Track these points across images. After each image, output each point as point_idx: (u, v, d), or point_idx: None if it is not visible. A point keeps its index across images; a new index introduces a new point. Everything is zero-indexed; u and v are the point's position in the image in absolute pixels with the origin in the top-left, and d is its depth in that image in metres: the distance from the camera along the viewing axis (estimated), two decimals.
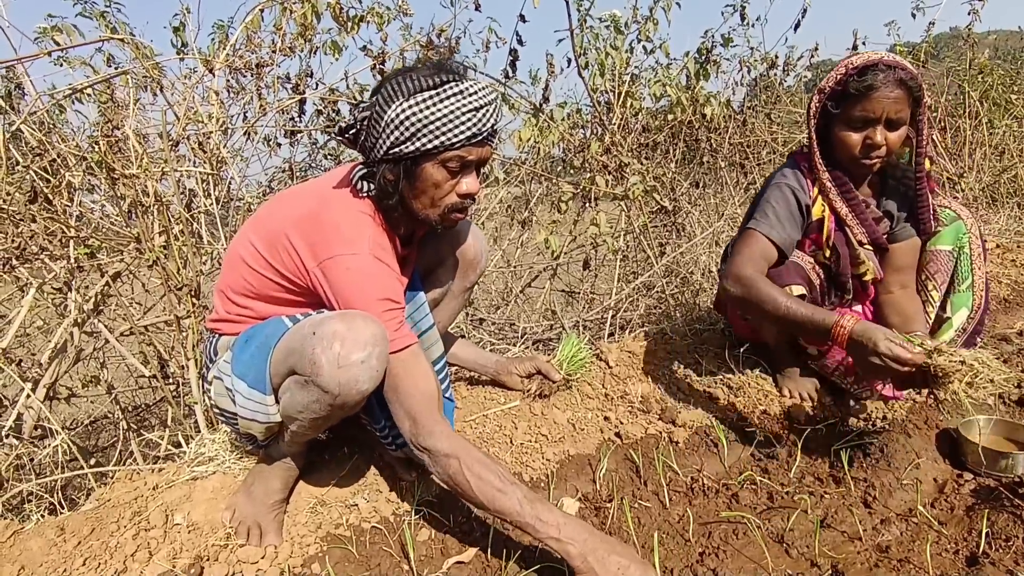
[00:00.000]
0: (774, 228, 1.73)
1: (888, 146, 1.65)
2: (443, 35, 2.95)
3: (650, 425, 1.82)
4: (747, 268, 1.66)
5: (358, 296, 1.22)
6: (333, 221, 1.26)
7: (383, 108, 1.20)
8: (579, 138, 3.23)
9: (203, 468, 1.57)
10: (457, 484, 1.21)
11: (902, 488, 1.58)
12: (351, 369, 1.13)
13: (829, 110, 1.69)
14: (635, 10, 3.43)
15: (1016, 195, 4.40)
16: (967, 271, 1.83)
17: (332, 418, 1.25)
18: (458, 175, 1.27)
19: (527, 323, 2.92)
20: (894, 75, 1.59)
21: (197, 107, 2.42)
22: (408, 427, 1.24)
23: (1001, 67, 5.14)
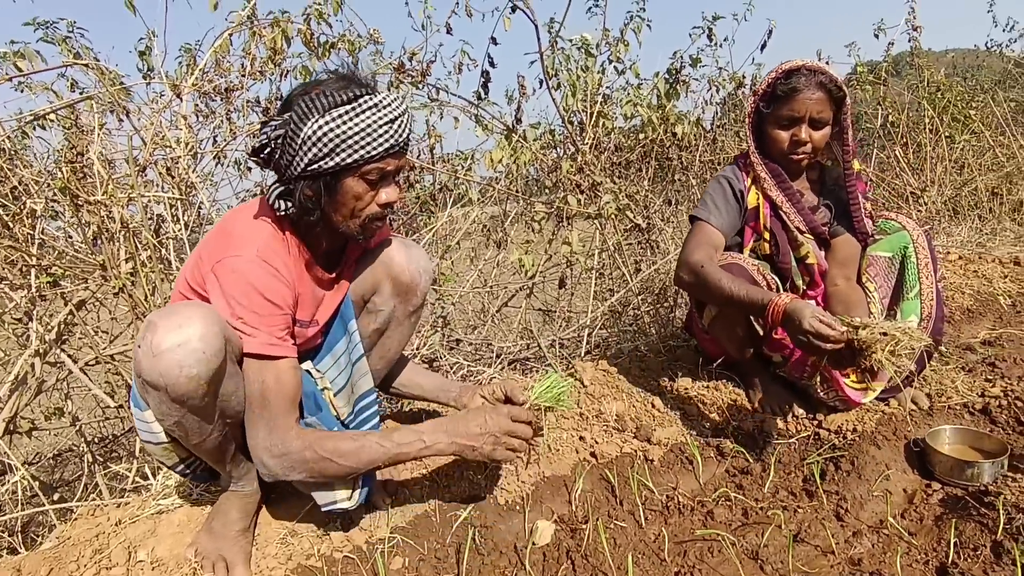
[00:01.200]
0: (713, 214, 1.89)
1: (813, 143, 1.83)
2: (415, 58, 2.97)
3: (625, 444, 1.82)
4: (696, 254, 1.79)
5: (237, 293, 1.20)
6: (229, 229, 1.28)
7: (299, 125, 1.19)
8: (552, 158, 3.27)
9: (169, 501, 1.53)
10: (323, 470, 1.26)
11: (873, 499, 1.60)
12: (168, 355, 1.09)
13: (762, 110, 1.88)
14: (606, 31, 3.51)
15: (977, 208, 4.54)
16: (914, 279, 1.90)
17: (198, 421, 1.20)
18: (377, 185, 1.28)
19: (504, 343, 2.91)
20: (815, 79, 1.77)
21: (165, 132, 2.40)
22: (263, 438, 1.24)
23: (958, 84, 5.35)
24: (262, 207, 1.32)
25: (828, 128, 1.84)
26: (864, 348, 1.44)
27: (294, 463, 1.25)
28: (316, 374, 1.48)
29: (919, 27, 4.78)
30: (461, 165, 3.32)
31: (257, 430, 1.25)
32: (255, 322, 1.21)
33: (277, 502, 1.56)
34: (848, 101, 1.83)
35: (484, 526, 1.53)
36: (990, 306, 2.98)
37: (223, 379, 1.18)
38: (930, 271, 1.89)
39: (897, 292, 1.94)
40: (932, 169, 4.53)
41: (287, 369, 1.26)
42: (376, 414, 1.53)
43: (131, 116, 2.37)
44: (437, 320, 2.78)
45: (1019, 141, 4.95)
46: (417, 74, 3.06)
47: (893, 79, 5.21)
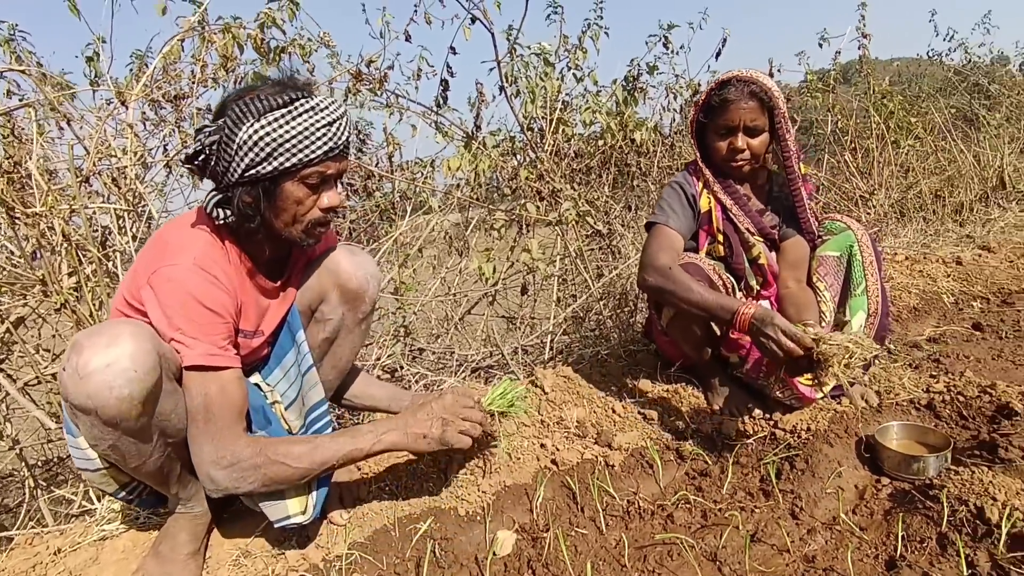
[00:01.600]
0: (671, 217, 1.93)
1: (751, 150, 1.89)
2: (372, 65, 2.95)
3: (586, 450, 1.82)
4: (661, 257, 1.81)
5: (174, 302, 1.16)
6: (163, 240, 1.24)
7: (233, 131, 1.16)
8: (512, 165, 3.27)
9: (113, 526, 1.47)
10: (276, 475, 1.24)
11: (826, 496, 1.63)
12: (96, 376, 1.04)
13: (701, 120, 1.95)
14: (565, 38, 3.54)
15: (922, 210, 4.73)
16: (860, 277, 1.97)
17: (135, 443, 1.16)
18: (319, 190, 1.27)
19: (467, 351, 2.90)
20: (747, 88, 1.83)
21: (110, 141, 2.31)
22: (208, 451, 1.20)
23: (902, 92, 5.58)
24: (199, 216, 1.28)
25: (765, 135, 1.90)
26: (822, 360, 1.50)
27: (244, 472, 1.21)
28: (265, 387, 1.44)
29: (868, 35, 4.98)
30: (421, 172, 3.30)
31: (202, 444, 1.20)
32: (195, 332, 1.17)
33: (230, 522, 1.51)
34: (780, 108, 1.87)
35: (444, 538, 1.51)
36: (935, 304, 3.10)
37: (159, 398, 1.13)
38: (875, 268, 1.97)
39: (845, 289, 2.00)
40: (879, 173, 4.70)
41: (231, 380, 1.22)
42: (328, 425, 1.49)
43: (72, 124, 2.28)
44: (399, 329, 2.75)
45: (959, 146, 5.18)
46: (375, 81, 3.04)
47: (842, 87, 5.41)
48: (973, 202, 4.85)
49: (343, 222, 3.58)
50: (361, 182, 3.67)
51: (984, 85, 6.60)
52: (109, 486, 1.30)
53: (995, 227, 4.39)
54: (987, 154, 5.21)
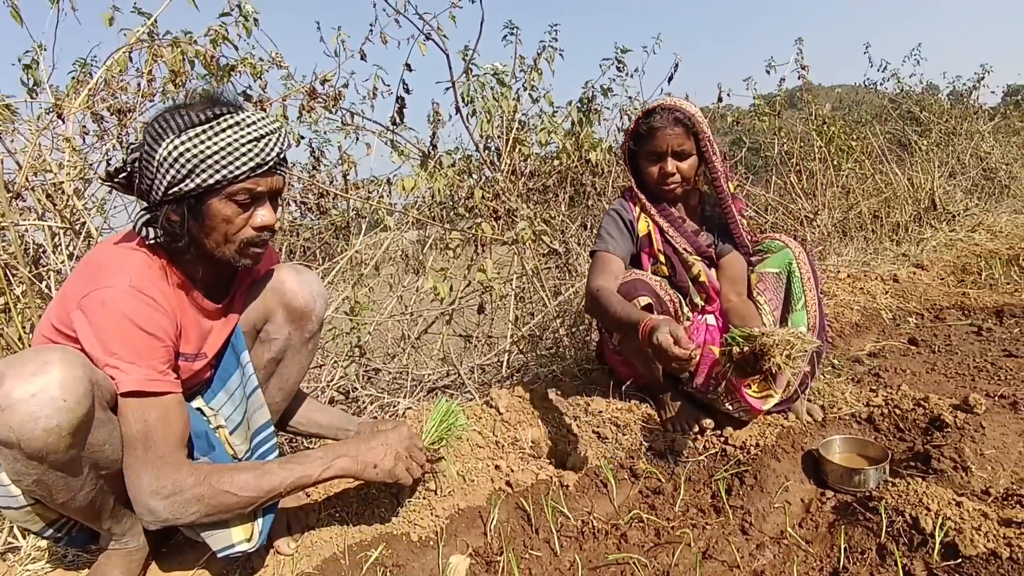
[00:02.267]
0: (608, 243, 2.02)
1: (681, 173, 1.99)
2: (327, 83, 2.92)
3: (541, 471, 1.82)
4: (595, 281, 1.89)
5: (108, 327, 1.11)
6: (96, 262, 1.19)
7: (153, 147, 1.14)
8: (468, 185, 3.28)
9: (38, 566, 1.38)
10: (221, 504, 1.19)
11: (774, 511, 1.67)
12: (20, 407, 0.99)
13: (631, 148, 2.05)
14: (521, 59, 3.60)
15: (863, 229, 4.96)
16: (799, 292, 2.05)
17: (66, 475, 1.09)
18: (250, 207, 1.24)
19: (423, 371, 2.86)
20: (671, 115, 1.94)
21: (45, 155, 2.21)
22: (148, 481, 1.14)
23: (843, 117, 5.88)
24: (132, 236, 1.23)
25: (693, 158, 2.00)
26: (764, 353, 1.55)
27: (186, 501, 1.15)
28: (209, 411, 1.39)
29: (806, 66, 5.25)
30: (376, 191, 3.27)
31: (140, 474, 1.14)
32: (131, 357, 1.12)
33: (168, 556, 1.44)
34: (704, 132, 1.97)
35: (396, 565, 1.47)
36: (874, 320, 3.24)
37: (90, 428, 1.07)
38: (812, 284, 2.05)
39: (786, 305, 2.08)
40: (822, 194, 4.92)
41: (172, 405, 1.17)
42: (274, 447, 1.44)
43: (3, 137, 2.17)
44: (353, 350, 2.70)
45: (894, 169, 5.48)
46: (329, 99, 3.01)
47: (788, 111, 5.67)
48: (908, 222, 5.11)
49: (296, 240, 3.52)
50: (315, 200, 3.61)
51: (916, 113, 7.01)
52: (35, 524, 1.21)
53: (928, 246, 4.63)
54: (919, 177, 5.52)
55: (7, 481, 1.13)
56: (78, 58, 2.97)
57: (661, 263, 2.08)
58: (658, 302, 1.92)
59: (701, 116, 1.99)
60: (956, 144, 6.56)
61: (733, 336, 1.66)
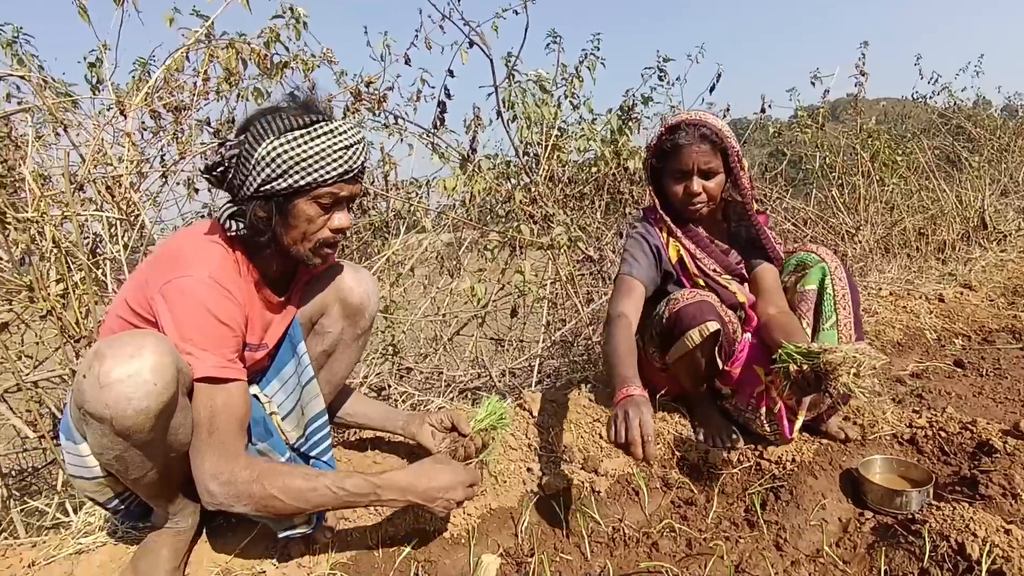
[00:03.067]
0: (633, 267, 1.91)
1: (707, 192, 1.87)
2: (371, 86, 2.99)
3: (573, 475, 1.82)
4: (617, 306, 1.81)
5: (187, 314, 1.17)
6: (178, 250, 1.26)
7: (253, 146, 1.21)
8: (506, 189, 3.31)
9: (90, 540, 1.44)
10: (268, 507, 1.21)
11: (810, 528, 1.64)
12: (117, 387, 1.05)
13: (655, 165, 1.93)
14: (563, 66, 3.62)
15: (906, 247, 4.83)
16: (830, 310, 1.95)
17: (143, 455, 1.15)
18: (330, 210, 1.30)
19: (454, 372, 2.89)
20: (697, 132, 1.81)
21: (106, 149, 2.31)
22: (210, 465, 1.18)
23: (887, 132, 5.73)
24: (212, 228, 1.30)
25: (720, 176, 1.88)
26: (829, 372, 1.48)
27: (238, 494, 1.19)
28: (263, 398, 1.43)
29: (866, 73, 5.09)
30: (416, 192, 3.32)
31: (204, 457, 1.19)
32: (205, 344, 1.17)
33: (210, 539, 1.49)
34: (732, 148, 1.85)
35: (428, 560, 1.49)
36: (918, 340, 3.15)
37: (173, 412, 1.13)
38: (847, 302, 1.94)
39: (816, 323, 1.98)
40: (865, 209, 4.80)
41: (237, 393, 1.22)
42: (327, 436, 1.51)
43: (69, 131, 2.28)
44: (387, 348, 2.74)
45: (942, 186, 5.31)
46: (374, 101, 3.08)
47: (831, 123, 5.55)
48: (955, 241, 4.95)
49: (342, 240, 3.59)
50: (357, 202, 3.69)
51: (967, 128, 6.79)
52: (101, 495, 1.28)
53: (976, 266, 4.48)
54: (969, 195, 5.34)
55: (86, 453, 1.20)
56: (138, 57, 3.10)
57: (701, 287, 1.99)
58: (723, 325, 1.86)
59: (729, 131, 1.89)
60: (1009, 161, 6.34)
61: (789, 352, 1.59)
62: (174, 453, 1.21)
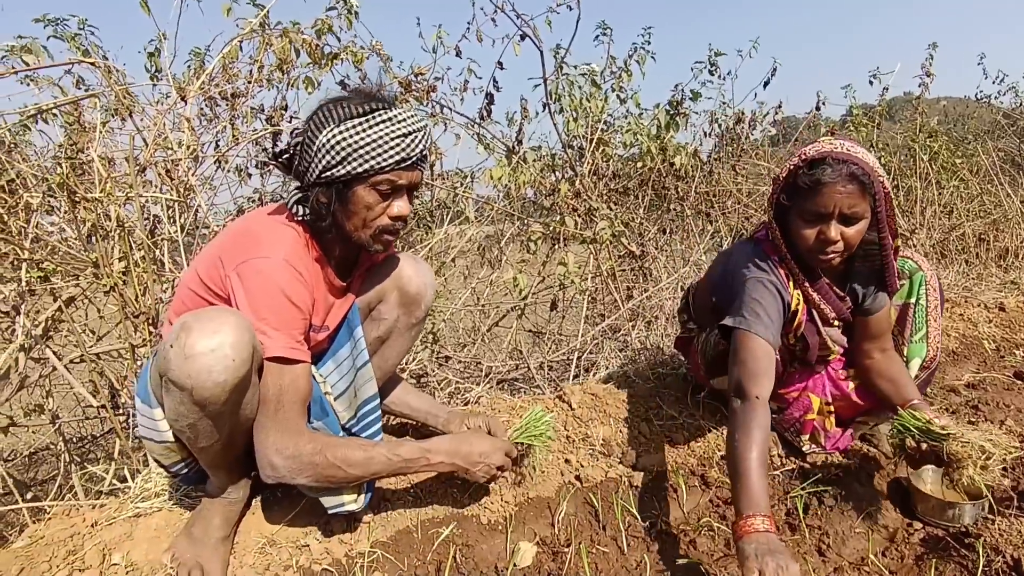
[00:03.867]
0: (768, 329, 1.59)
1: (845, 241, 1.56)
2: (420, 77, 3.01)
3: (610, 469, 1.82)
4: (760, 386, 1.50)
5: (261, 293, 1.21)
6: (255, 232, 1.30)
7: (315, 133, 1.26)
8: (550, 181, 3.30)
9: (147, 504, 1.51)
10: (330, 476, 1.28)
11: (855, 536, 1.60)
12: (200, 359, 1.10)
13: (782, 203, 1.63)
14: (612, 59, 3.58)
15: (964, 252, 4.62)
16: (921, 322, 1.85)
17: (213, 425, 1.20)
18: (389, 198, 1.32)
19: (493, 362, 2.91)
20: (845, 169, 1.49)
21: (167, 134, 2.40)
22: (273, 439, 1.24)
23: (947, 133, 5.48)
24: (282, 210, 1.36)
25: (864, 222, 1.55)
26: (953, 461, 1.41)
27: (303, 466, 1.25)
28: (319, 378, 1.48)
29: (932, 74, 4.89)
30: (460, 183, 3.35)
31: (268, 432, 1.24)
32: (278, 325, 1.23)
33: (257, 511, 1.54)
34: (883, 192, 1.55)
35: (466, 545, 1.51)
36: (975, 350, 3.02)
37: (247, 388, 1.19)
38: (937, 314, 1.84)
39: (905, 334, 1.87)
40: (922, 212, 4.61)
41: (303, 374, 1.28)
42: (378, 419, 1.54)
43: (134, 116, 2.37)
44: (427, 336, 2.78)
45: (1006, 190, 5.06)
46: (423, 92, 3.10)
47: (886, 123, 5.34)
48: (1019, 248, 4.71)
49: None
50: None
51: None
52: (167, 459, 1.35)
53: None
54: None
55: (160, 418, 1.27)
56: (193, 47, 3.20)
57: (790, 341, 1.76)
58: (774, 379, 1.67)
59: (879, 168, 1.55)
60: None
61: (906, 425, 1.52)
62: (240, 427, 1.26)
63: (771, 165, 4.38)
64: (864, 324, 1.80)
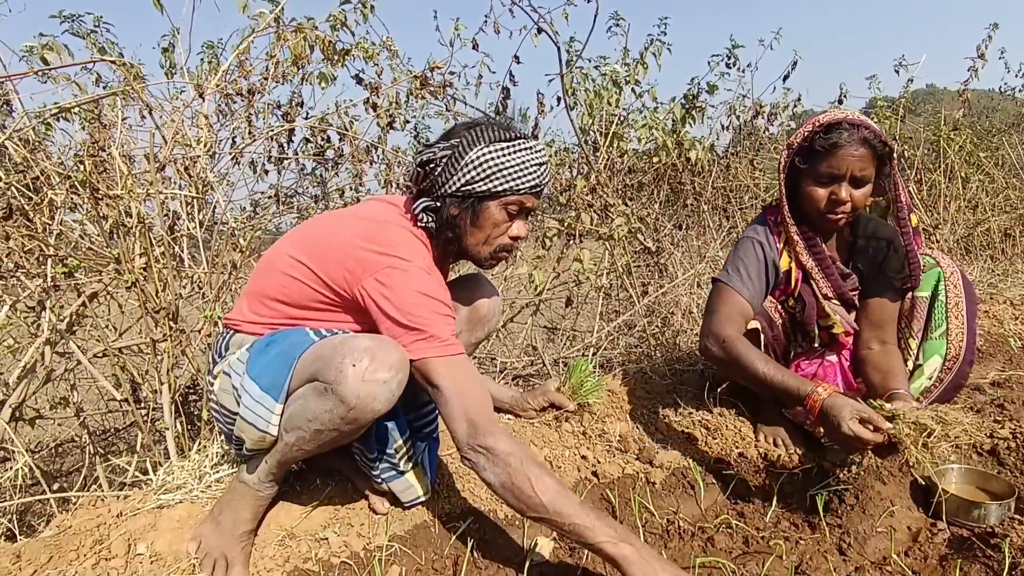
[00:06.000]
0: (746, 284, 1.77)
1: (853, 202, 1.70)
2: (436, 71, 3.01)
3: (627, 465, 1.81)
4: (726, 327, 1.69)
5: (415, 297, 1.26)
6: (391, 239, 1.34)
7: (465, 150, 1.35)
8: (566, 177, 3.29)
9: (170, 496, 1.53)
10: (515, 483, 1.20)
11: (876, 536, 1.58)
12: (374, 386, 1.17)
13: (797, 165, 1.74)
14: (626, 51, 3.55)
15: (988, 248, 4.53)
16: (941, 319, 1.82)
17: (335, 436, 1.25)
18: (514, 219, 1.42)
19: (508, 358, 2.91)
20: (858, 134, 1.64)
21: (185, 130, 2.43)
22: (465, 428, 1.24)
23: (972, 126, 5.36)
24: (403, 212, 1.43)
25: (869, 187, 1.71)
26: (897, 443, 1.43)
27: (500, 461, 1.21)
28: None
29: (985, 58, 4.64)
30: None
31: (459, 424, 1.24)
32: (439, 323, 1.27)
33: (276, 504, 1.55)
34: (892, 157, 1.69)
35: (483, 539, 1.52)
36: (1000, 347, 2.96)
37: None
38: (960, 311, 1.81)
39: (925, 332, 1.85)
40: (946, 207, 4.53)
41: (466, 363, 1.30)
42: (436, 419, 1.58)
43: (153, 113, 2.40)
44: None
45: None
46: (438, 87, 3.10)
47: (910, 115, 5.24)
48: None
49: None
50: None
51: None
52: (253, 444, 1.35)
53: None
54: None
55: (277, 412, 1.28)
56: (206, 41, 3.22)
57: (790, 304, 1.88)
58: (769, 326, 1.80)
59: (889, 137, 1.71)
60: None
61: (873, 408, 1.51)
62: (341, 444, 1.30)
63: None
64: (868, 309, 1.85)
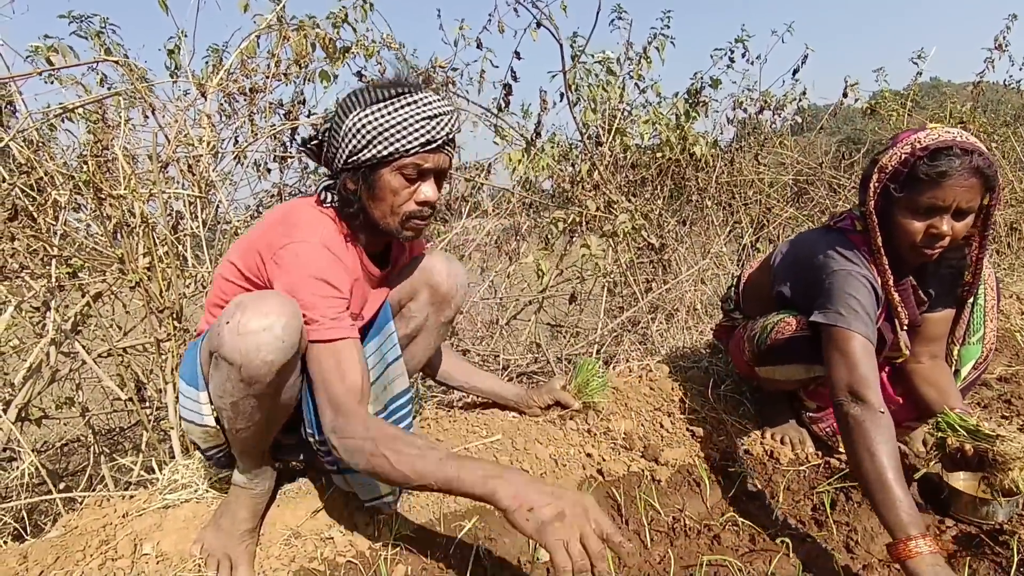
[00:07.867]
0: (868, 327, 1.53)
1: (953, 236, 1.49)
2: (439, 69, 3.00)
3: (632, 463, 1.80)
4: (871, 391, 1.43)
5: (299, 277, 1.22)
6: (291, 220, 1.31)
7: (341, 119, 1.27)
8: (569, 173, 3.28)
9: (176, 496, 1.53)
10: (376, 466, 1.16)
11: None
12: (251, 337, 1.12)
13: (893, 193, 1.51)
14: (629, 45, 3.53)
15: (995, 241, 4.50)
16: (979, 323, 1.75)
17: (255, 405, 1.21)
18: (416, 183, 1.30)
19: (511, 355, 2.91)
20: (971, 162, 1.41)
21: (188, 130, 2.42)
22: (329, 417, 1.21)
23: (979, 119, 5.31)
24: (317, 200, 1.37)
25: (972, 217, 1.49)
26: (999, 462, 1.37)
27: (354, 449, 1.19)
28: None
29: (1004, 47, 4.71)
30: (478, 174, 3.34)
31: (324, 411, 1.23)
32: (321, 306, 1.22)
33: (282, 504, 1.55)
34: (998, 188, 1.48)
35: (489, 538, 1.52)
36: (1007, 343, 2.94)
37: (291, 371, 1.21)
38: (995, 314, 1.75)
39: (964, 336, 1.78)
40: None
41: (351, 349, 1.26)
42: (409, 414, 1.54)
43: (156, 113, 2.40)
44: None
45: None
46: (441, 85, 3.09)
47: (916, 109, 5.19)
48: None
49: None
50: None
51: None
52: (205, 443, 1.36)
53: None
54: None
55: (204, 401, 1.29)
56: (211, 44, 3.22)
57: None
58: None
59: None
60: None
61: (949, 421, 1.46)
62: (277, 413, 1.28)
63: (794, 154, 4.29)
64: (924, 324, 1.72)
